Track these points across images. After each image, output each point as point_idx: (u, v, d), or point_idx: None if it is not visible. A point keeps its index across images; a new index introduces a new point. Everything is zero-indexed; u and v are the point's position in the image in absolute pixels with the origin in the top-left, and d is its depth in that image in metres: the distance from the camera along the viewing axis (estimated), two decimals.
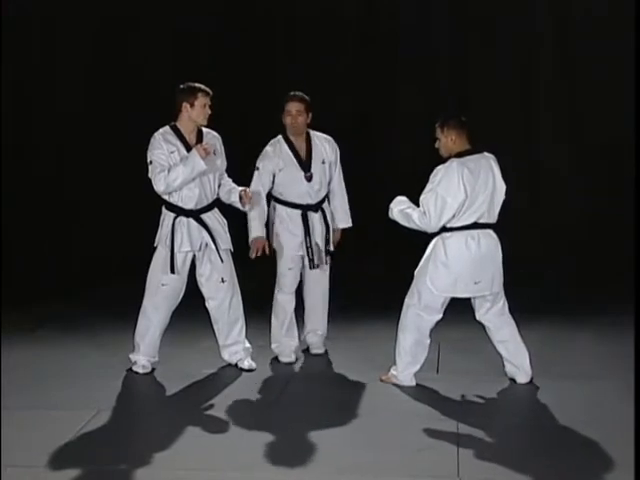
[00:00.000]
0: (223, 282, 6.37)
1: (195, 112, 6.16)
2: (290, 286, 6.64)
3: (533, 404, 5.81)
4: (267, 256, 6.51)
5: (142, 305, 6.37)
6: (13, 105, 9.28)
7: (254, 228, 6.44)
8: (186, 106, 6.16)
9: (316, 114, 6.64)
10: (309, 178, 6.54)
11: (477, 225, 5.83)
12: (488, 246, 5.87)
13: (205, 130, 6.31)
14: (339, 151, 6.70)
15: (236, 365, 6.49)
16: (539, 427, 5.41)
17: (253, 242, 6.42)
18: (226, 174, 6.42)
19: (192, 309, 6.53)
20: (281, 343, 6.70)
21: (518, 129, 10.24)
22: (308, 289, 6.76)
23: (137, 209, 8.52)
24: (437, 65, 10.37)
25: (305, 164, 6.55)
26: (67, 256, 9.35)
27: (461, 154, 5.81)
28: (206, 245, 6.29)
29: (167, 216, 6.27)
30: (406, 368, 6.06)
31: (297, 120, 6.48)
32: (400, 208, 5.94)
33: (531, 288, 8.48)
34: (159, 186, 6.13)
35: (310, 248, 6.54)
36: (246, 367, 6.45)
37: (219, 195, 6.36)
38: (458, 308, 6.02)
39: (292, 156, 6.53)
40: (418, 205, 5.85)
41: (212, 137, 6.33)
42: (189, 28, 10.09)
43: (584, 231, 9.95)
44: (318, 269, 6.61)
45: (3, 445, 4.98)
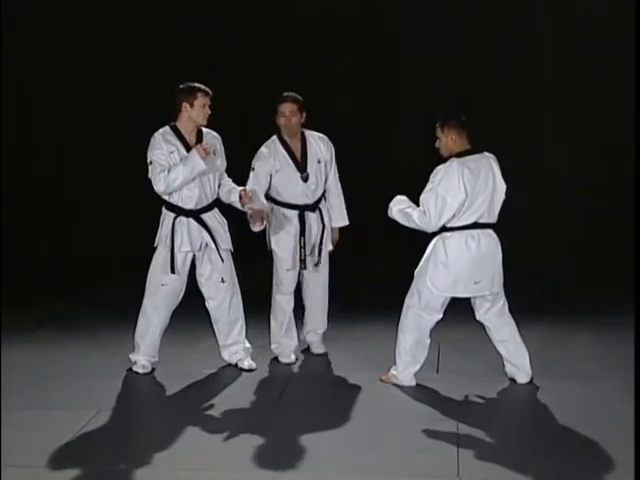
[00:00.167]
0: (223, 282, 6.37)
1: (195, 112, 6.16)
2: (289, 287, 6.63)
3: (533, 404, 5.81)
4: (268, 253, 6.54)
5: (142, 305, 6.37)
6: (13, 105, 9.28)
7: (255, 204, 6.22)
8: (186, 106, 6.16)
9: (316, 114, 6.63)
10: (305, 178, 6.52)
11: (477, 225, 5.83)
12: (488, 246, 5.87)
13: (205, 130, 6.30)
14: (334, 149, 6.67)
15: (236, 365, 6.49)
16: (539, 427, 5.41)
17: (253, 213, 6.21)
18: (226, 174, 6.42)
19: (192, 309, 6.53)
20: (280, 344, 6.70)
21: (518, 129, 10.24)
22: (308, 289, 6.75)
23: (137, 209, 8.51)
24: (437, 65, 10.38)
25: (301, 164, 6.52)
26: (67, 256, 9.33)
27: (461, 154, 5.81)
28: (206, 245, 6.28)
29: (167, 216, 6.27)
30: (406, 368, 6.06)
31: (291, 121, 6.45)
32: (400, 207, 5.94)
33: (531, 288, 8.47)
34: (159, 186, 6.13)
35: (303, 248, 6.51)
36: (246, 367, 6.45)
37: (219, 195, 6.36)
38: (458, 308, 6.02)
39: (287, 157, 6.50)
40: (418, 205, 5.85)
41: (212, 137, 6.32)
42: (189, 28, 10.10)
43: (584, 231, 9.96)
44: (318, 269, 6.61)
45: (3, 445, 4.99)
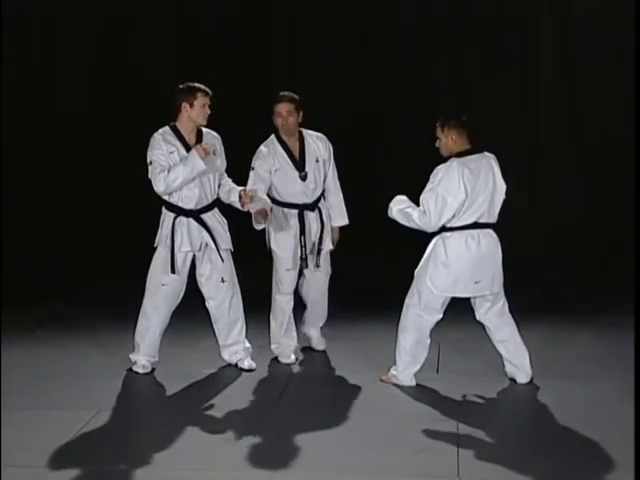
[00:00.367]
0: (223, 282, 6.37)
1: (194, 112, 6.15)
2: (288, 287, 6.62)
3: (533, 404, 5.81)
4: (268, 253, 6.54)
5: (142, 305, 6.37)
6: (13, 105, 9.27)
7: (257, 202, 6.18)
8: (185, 106, 6.16)
9: (316, 114, 6.63)
10: (304, 177, 6.51)
11: (477, 225, 5.83)
12: (488, 246, 5.87)
13: (205, 130, 6.30)
14: (332, 148, 6.66)
15: (236, 365, 6.49)
16: (539, 427, 5.41)
17: (256, 213, 6.17)
18: (226, 174, 6.42)
19: (192, 309, 6.53)
20: (280, 344, 6.70)
21: (518, 129, 10.24)
22: (309, 289, 6.76)
23: (137, 209, 8.51)
24: (437, 65, 10.37)
25: (299, 163, 6.52)
26: (67, 256, 9.33)
27: (461, 154, 5.81)
28: (206, 245, 6.28)
29: (167, 216, 6.27)
30: (406, 368, 6.06)
31: (288, 121, 6.44)
32: (400, 207, 5.93)
33: (531, 288, 8.47)
34: (159, 186, 6.13)
35: (304, 247, 6.52)
36: (246, 367, 6.45)
37: (219, 195, 6.36)
38: (458, 308, 6.02)
39: (286, 156, 6.49)
40: (418, 204, 5.85)
41: (212, 137, 6.32)
42: (189, 28, 10.10)
43: (584, 231, 9.95)
44: (319, 268, 6.61)
45: (3, 445, 4.99)
